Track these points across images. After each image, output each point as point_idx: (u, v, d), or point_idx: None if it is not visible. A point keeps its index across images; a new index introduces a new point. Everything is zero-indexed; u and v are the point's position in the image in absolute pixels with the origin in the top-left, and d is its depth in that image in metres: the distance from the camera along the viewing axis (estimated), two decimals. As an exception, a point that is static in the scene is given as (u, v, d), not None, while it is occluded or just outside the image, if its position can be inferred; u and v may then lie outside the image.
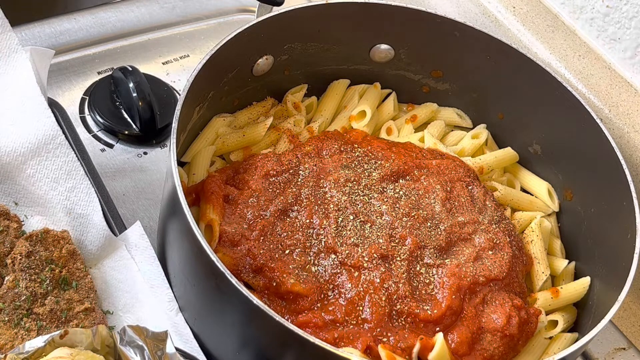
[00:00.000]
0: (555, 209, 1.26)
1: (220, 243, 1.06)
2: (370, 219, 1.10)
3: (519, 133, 1.30)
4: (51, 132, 1.13)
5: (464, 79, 1.31)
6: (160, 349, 0.90)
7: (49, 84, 1.24)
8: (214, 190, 1.09)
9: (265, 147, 1.22)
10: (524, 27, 1.36)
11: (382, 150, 1.19)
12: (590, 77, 1.29)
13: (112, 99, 1.35)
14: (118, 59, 1.42)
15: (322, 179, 1.14)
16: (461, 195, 1.17)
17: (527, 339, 1.09)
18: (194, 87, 1.07)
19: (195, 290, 1.02)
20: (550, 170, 1.27)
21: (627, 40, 1.25)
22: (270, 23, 1.17)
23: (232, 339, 1.00)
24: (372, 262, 1.05)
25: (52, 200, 1.11)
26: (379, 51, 1.30)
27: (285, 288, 1.02)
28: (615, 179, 1.13)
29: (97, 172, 1.18)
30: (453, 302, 1.05)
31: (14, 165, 1.12)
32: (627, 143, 1.23)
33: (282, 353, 0.95)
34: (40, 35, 1.42)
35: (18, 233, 1.07)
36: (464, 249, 1.12)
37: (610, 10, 1.26)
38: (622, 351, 1.28)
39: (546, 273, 1.17)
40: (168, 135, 1.12)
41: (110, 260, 1.11)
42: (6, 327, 0.99)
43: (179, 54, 1.47)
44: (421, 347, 1.00)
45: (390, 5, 1.24)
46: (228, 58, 1.15)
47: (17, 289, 1.01)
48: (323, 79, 1.32)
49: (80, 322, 1.02)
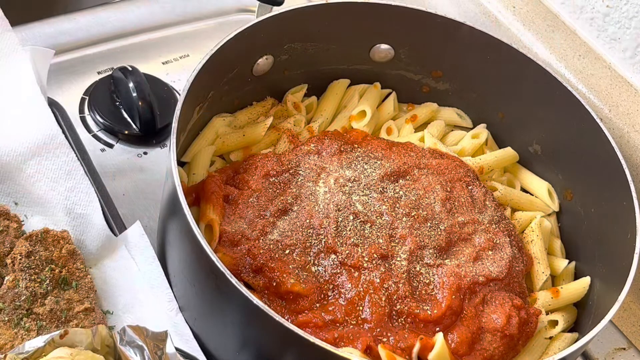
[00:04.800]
0: (555, 209, 1.26)
1: (220, 243, 1.06)
2: (370, 219, 1.10)
3: (519, 133, 1.30)
4: (51, 132, 1.13)
5: (464, 79, 1.31)
6: (160, 349, 0.90)
7: (49, 84, 1.24)
8: (214, 190, 1.09)
9: (265, 147, 1.22)
10: (524, 27, 1.36)
11: (382, 150, 1.19)
12: (590, 77, 1.29)
13: (112, 99, 1.35)
14: (118, 59, 1.42)
15: (322, 179, 1.14)
16: (461, 195, 1.17)
17: (527, 339, 1.09)
18: (194, 87, 1.07)
19: (195, 290, 1.02)
20: (550, 170, 1.27)
21: (627, 40, 1.25)
22: (270, 23, 1.17)
23: (232, 339, 1.00)
24: (372, 262, 1.05)
25: (52, 200, 1.11)
26: (379, 51, 1.30)
27: (285, 288, 1.02)
28: (615, 179, 1.13)
29: (97, 172, 1.18)
30: (453, 302, 1.05)
31: (14, 165, 1.11)
32: (627, 143, 1.23)
33: (282, 353, 0.95)
34: (40, 35, 1.42)
35: (18, 233, 1.07)
36: (464, 249, 1.12)
37: (610, 10, 1.26)
38: (622, 351, 1.28)
39: (546, 273, 1.17)
40: (168, 135, 1.12)
41: (110, 260, 1.10)
42: (6, 327, 0.99)
43: (179, 54, 1.47)
44: (421, 347, 1.00)
45: (390, 5, 1.24)
46: (228, 58, 1.15)
47: (17, 289, 1.01)
48: (323, 79, 1.32)
49: (80, 322, 1.02)
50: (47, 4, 1.70)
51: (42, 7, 1.64)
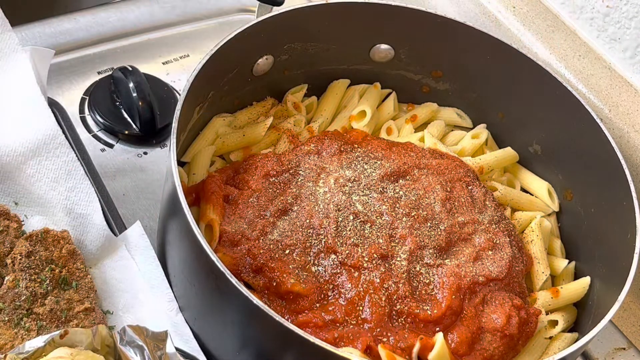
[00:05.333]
0: (555, 209, 1.26)
1: (220, 243, 1.06)
2: (370, 219, 1.10)
3: (519, 133, 1.30)
4: (51, 132, 1.13)
5: (464, 79, 1.31)
6: (160, 349, 0.90)
7: (49, 84, 1.24)
8: (214, 190, 1.09)
9: (265, 147, 1.22)
10: (524, 27, 1.36)
11: (382, 150, 1.19)
12: (590, 77, 1.29)
13: (112, 99, 1.35)
14: (118, 59, 1.42)
15: (322, 179, 1.14)
16: (461, 195, 1.17)
17: (527, 338, 1.09)
18: (194, 87, 1.07)
19: (195, 290, 1.02)
20: (550, 170, 1.27)
21: (627, 40, 1.25)
22: (270, 23, 1.17)
23: (232, 339, 1.00)
24: (372, 262, 1.05)
25: (52, 200, 1.11)
26: (379, 51, 1.30)
27: (285, 288, 1.02)
28: (615, 179, 1.13)
29: (97, 172, 1.18)
30: (453, 302, 1.05)
31: (14, 165, 1.11)
32: (627, 143, 1.23)
33: (282, 353, 0.95)
34: (40, 35, 1.42)
35: (18, 233, 1.07)
36: (464, 249, 1.12)
37: (610, 10, 1.26)
38: (622, 351, 1.28)
39: (546, 273, 1.17)
40: (168, 135, 1.12)
41: (110, 260, 1.10)
42: (6, 327, 0.99)
43: (179, 54, 1.47)
44: (421, 347, 1.00)
45: (390, 5, 1.24)
46: (228, 58, 1.15)
47: (17, 289, 1.01)
48: (323, 79, 1.32)
49: (80, 322, 1.02)
50: (47, 4, 1.70)
51: (42, 7, 1.64)
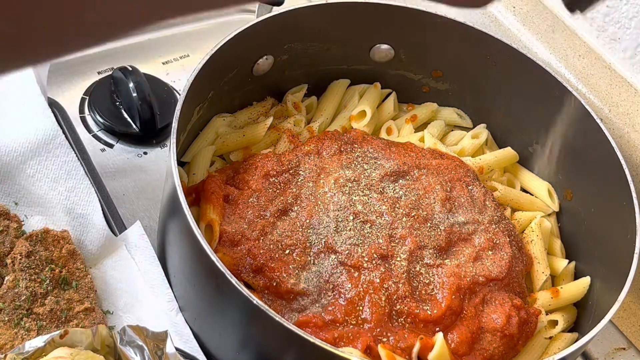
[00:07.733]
0: (555, 209, 1.26)
1: (220, 243, 1.06)
2: (370, 219, 1.10)
3: (519, 133, 1.30)
4: (51, 132, 1.13)
5: (464, 79, 1.31)
6: (160, 349, 0.90)
7: (49, 84, 1.24)
8: (214, 190, 1.09)
9: (265, 147, 1.22)
10: (524, 27, 1.36)
11: (382, 150, 1.19)
12: (590, 77, 1.29)
13: (112, 99, 1.35)
14: (118, 59, 1.42)
15: (322, 179, 1.14)
16: (461, 195, 1.17)
17: (527, 338, 1.09)
18: (194, 87, 1.07)
19: (195, 290, 1.02)
20: (550, 170, 1.27)
21: (627, 40, 1.25)
22: (270, 23, 1.17)
23: (232, 339, 1.00)
24: (372, 262, 1.05)
25: (52, 200, 1.11)
26: (379, 51, 1.30)
27: (285, 288, 1.02)
28: (615, 179, 1.13)
29: (97, 172, 1.18)
30: (453, 302, 1.05)
31: (14, 165, 1.11)
32: (627, 143, 1.23)
33: (282, 353, 0.95)
34: (41, 35, 1.42)
35: (18, 233, 1.07)
36: (464, 249, 1.12)
37: (610, 10, 1.26)
38: (622, 351, 1.28)
39: (546, 273, 1.17)
40: (168, 135, 1.12)
41: (110, 260, 1.10)
42: (6, 327, 0.99)
43: (179, 54, 1.47)
44: (421, 347, 1.00)
45: (390, 5, 1.24)
46: (228, 58, 1.15)
47: (17, 289, 1.01)
48: (323, 79, 1.32)
49: (80, 322, 1.02)
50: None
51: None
